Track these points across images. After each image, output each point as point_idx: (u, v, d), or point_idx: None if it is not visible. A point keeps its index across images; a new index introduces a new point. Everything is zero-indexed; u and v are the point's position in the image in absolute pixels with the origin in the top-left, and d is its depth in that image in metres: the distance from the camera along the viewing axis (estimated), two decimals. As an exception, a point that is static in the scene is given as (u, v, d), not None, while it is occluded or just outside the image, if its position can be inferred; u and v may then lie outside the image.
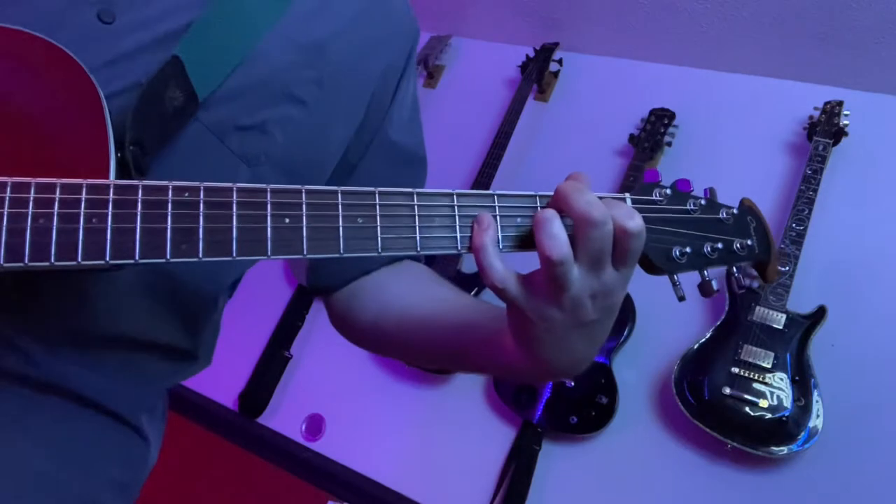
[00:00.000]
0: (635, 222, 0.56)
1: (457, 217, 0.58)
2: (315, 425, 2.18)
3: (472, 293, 2.05)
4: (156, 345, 0.68)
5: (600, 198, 0.57)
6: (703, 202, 0.66)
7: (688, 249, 0.64)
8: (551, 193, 0.58)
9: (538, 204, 0.60)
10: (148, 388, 0.73)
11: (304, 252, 0.53)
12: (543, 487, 1.85)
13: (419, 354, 0.82)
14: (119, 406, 0.68)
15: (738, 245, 0.67)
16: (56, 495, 0.63)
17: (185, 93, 0.59)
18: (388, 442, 2.09)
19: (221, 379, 2.30)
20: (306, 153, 0.74)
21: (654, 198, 0.64)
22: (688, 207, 0.65)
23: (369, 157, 0.81)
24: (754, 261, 0.68)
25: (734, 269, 0.68)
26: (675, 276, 0.65)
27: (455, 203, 0.58)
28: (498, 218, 0.58)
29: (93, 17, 0.58)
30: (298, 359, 2.29)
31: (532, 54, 2.35)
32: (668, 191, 0.65)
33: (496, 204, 0.59)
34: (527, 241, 0.59)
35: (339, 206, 0.55)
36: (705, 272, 0.66)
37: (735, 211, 0.67)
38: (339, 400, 2.20)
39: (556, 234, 0.54)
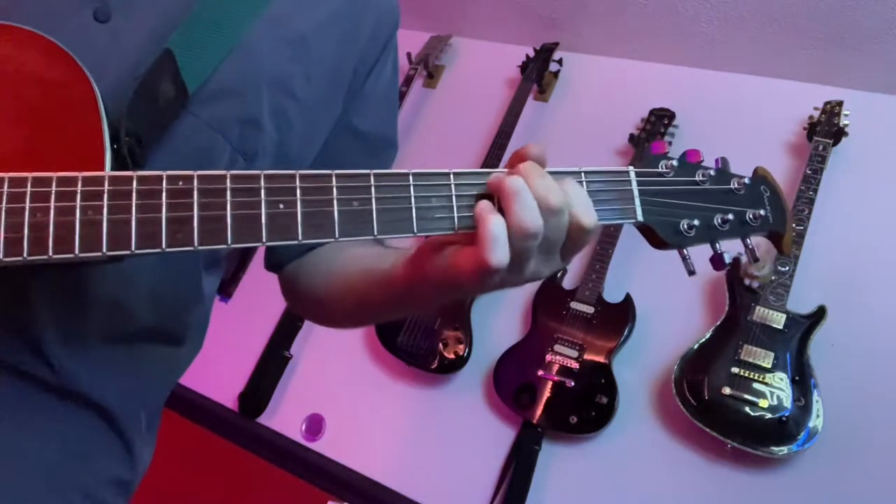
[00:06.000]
0: (591, 219, 0.56)
1: (454, 197, 0.57)
2: (315, 425, 2.18)
3: (469, 302, 2.05)
4: (149, 333, 0.69)
5: (559, 172, 0.57)
6: (712, 172, 0.65)
7: (696, 222, 0.62)
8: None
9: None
10: (148, 384, 0.74)
11: (300, 237, 0.53)
12: (543, 487, 1.85)
13: (354, 311, 0.82)
14: (120, 408, 0.69)
15: (752, 216, 0.64)
16: (61, 488, 0.65)
17: (177, 86, 0.60)
18: (388, 442, 2.09)
19: (221, 379, 2.30)
20: (296, 147, 0.75)
21: (659, 170, 0.63)
22: (696, 178, 0.64)
23: (332, 145, 0.82)
24: (768, 231, 0.66)
25: (748, 241, 0.66)
26: (685, 251, 0.64)
27: (452, 182, 0.57)
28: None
29: (89, 16, 0.60)
30: (298, 359, 2.29)
31: (532, 54, 2.34)
32: (675, 162, 0.64)
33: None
34: None
35: (334, 190, 0.54)
36: (717, 245, 0.64)
37: (747, 181, 0.66)
38: (339, 400, 2.20)
39: (531, 206, 0.53)
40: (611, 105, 2.29)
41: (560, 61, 2.38)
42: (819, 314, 1.69)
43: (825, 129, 1.85)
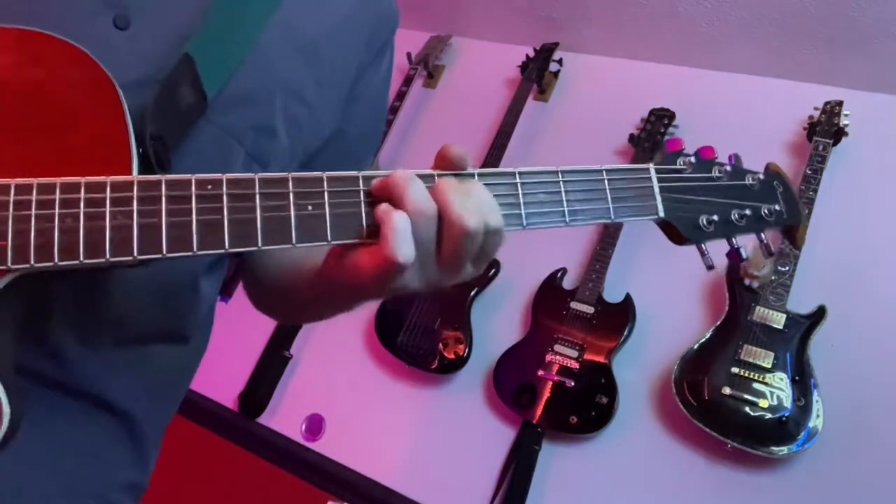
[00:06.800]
0: (498, 234, 0.55)
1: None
2: (315, 425, 2.18)
3: (472, 293, 2.05)
4: (157, 334, 0.70)
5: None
6: (728, 168, 0.66)
7: (715, 217, 0.63)
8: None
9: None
10: (159, 385, 0.74)
11: (329, 238, 0.53)
12: (543, 487, 1.85)
13: (284, 304, 0.81)
14: (134, 409, 0.69)
15: (766, 211, 0.66)
16: (74, 493, 0.65)
17: (196, 92, 0.60)
18: (388, 442, 2.09)
19: (221, 379, 2.30)
20: (301, 150, 0.75)
21: (678, 167, 0.64)
22: (713, 175, 0.65)
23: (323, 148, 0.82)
24: (783, 226, 0.68)
25: (762, 235, 0.67)
26: (704, 245, 0.65)
27: (518, 181, 0.58)
28: None
29: (109, 23, 0.60)
30: (298, 359, 2.29)
31: (532, 54, 2.35)
32: (693, 159, 0.64)
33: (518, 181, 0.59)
34: None
35: (361, 193, 0.55)
36: (734, 239, 0.65)
37: (761, 176, 0.67)
38: (339, 400, 2.20)
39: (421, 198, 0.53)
40: (611, 105, 2.29)
41: (560, 61, 2.39)
42: (819, 314, 1.69)
43: (825, 129, 1.85)
